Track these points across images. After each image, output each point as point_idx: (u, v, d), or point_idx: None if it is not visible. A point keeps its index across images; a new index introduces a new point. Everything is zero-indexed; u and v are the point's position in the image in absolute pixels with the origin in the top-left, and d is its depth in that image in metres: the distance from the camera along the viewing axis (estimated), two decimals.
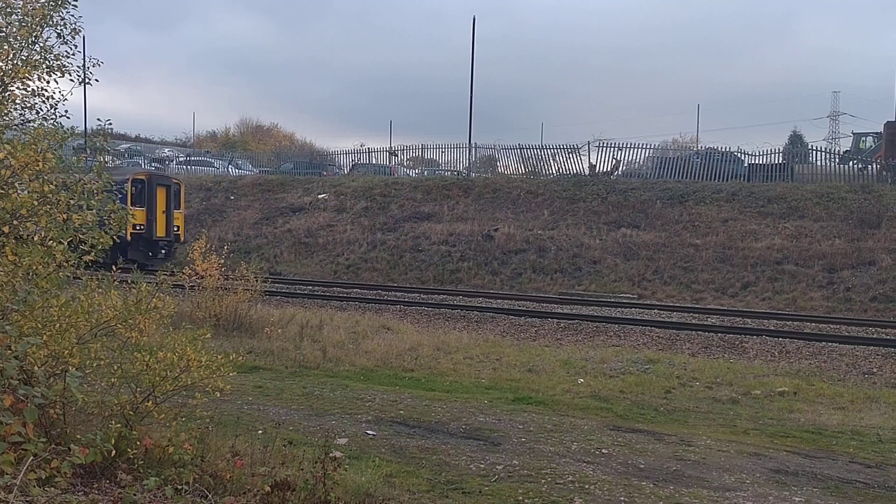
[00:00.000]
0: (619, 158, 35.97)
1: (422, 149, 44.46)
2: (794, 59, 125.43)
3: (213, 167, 46.92)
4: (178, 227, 29.58)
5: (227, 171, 45.75)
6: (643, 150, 36.82)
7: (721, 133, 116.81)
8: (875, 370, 13.90)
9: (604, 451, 7.83)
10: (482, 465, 7.09)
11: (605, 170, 35.20)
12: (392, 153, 44.40)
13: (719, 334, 16.61)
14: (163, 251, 28.75)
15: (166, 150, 57.77)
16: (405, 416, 9.08)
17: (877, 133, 37.94)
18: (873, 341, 16.05)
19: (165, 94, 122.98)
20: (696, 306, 22.32)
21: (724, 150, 35.37)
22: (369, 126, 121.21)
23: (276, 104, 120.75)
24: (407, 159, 46.30)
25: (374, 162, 43.06)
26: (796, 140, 52.15)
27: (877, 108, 66.13)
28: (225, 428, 6.79)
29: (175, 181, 30.59)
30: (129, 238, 26.20)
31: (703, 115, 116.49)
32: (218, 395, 5.91)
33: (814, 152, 37.88)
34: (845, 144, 48.98)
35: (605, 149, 35.89)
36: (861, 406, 11.10)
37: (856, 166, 34.32)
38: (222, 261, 15.29)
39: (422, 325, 17.57)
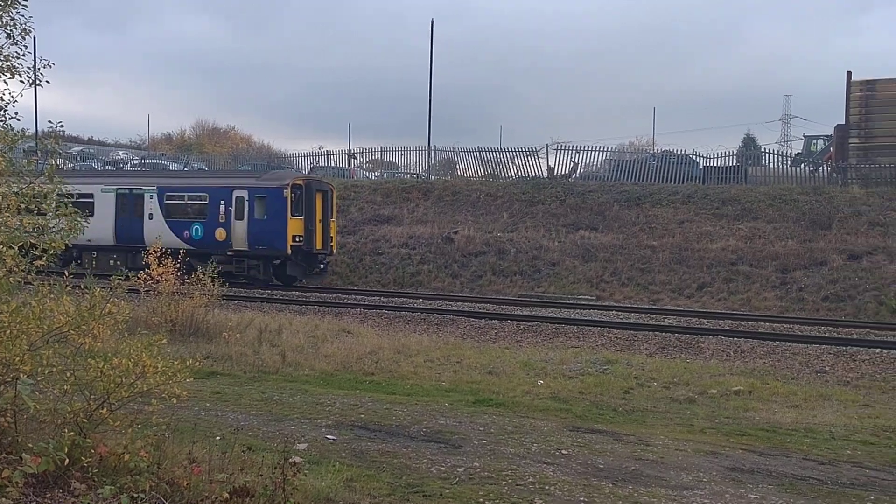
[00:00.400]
0: (576, 161, 36.33)
1: (381, 151, 44.36)
2: (749, 64, 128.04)
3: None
4: (332, 237, 26.49)
5: None
6: (600, 153, 37.23)
7: (676, 136, 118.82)
8: (827, 369, 14.20)
9: (563, 451, 7.88)
10: (443, 468, 7.09)
11: (563, 172, 35.47)
12: (351, 155, 44.19)
13: (676, 335, 16.83)
14: (321, 265, 26.08)
15: (120, 152, 56.77)
16: (365, 420, 9.05)
17: (827, 136, 38.82)
18: (825, 340, 16.39)
19: (119, 96, 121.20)
20: (654, 307, 22.60)
21: (679, 152, 35.90)
22: (328, 128, 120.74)
23: (233, 106, 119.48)
24: (366, 162, 46.12)
25: (332, 164, 42.80)
26: (749, 143, 53.10)
27: (828, 111, 68.04)
28: (182, 434, 6.69)
29: (329, 185, 27.33)
30: (288, 252, 24.19)
31: (659, 118, 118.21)
32: (174, 402, 5.82)
33: (766, 155, 38.66)
34: (797, 147, 50.07)
35: (563, 151, 36.27)
36: (814, 404, 11.34)
37: (807, 168, 35.05)
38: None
39: (382, 328, 17.53)
